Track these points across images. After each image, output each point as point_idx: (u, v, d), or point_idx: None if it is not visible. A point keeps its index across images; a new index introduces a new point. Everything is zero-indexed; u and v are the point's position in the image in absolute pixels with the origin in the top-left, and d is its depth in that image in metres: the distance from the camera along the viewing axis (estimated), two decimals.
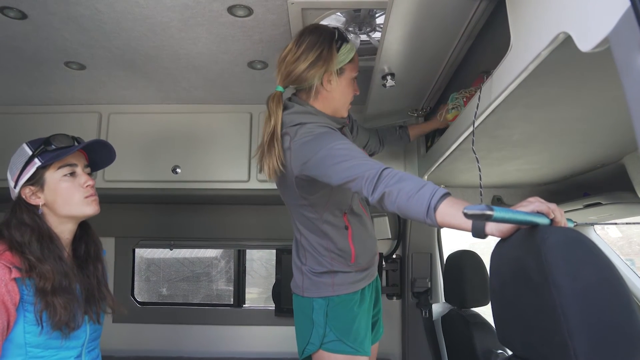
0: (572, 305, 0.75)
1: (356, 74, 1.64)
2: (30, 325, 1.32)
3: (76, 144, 1.51)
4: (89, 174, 1.54)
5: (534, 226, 0.90)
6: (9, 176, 1.49)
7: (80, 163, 1.52)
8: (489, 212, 0.84)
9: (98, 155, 1.60)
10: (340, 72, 1.57)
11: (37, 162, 1.44)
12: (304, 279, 1.66)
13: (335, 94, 1.59)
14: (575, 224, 1.06)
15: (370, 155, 2.11)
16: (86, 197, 1.48)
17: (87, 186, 1.49)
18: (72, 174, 1.48)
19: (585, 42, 0.76)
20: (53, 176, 1.45)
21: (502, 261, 0.99)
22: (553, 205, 0.95)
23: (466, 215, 0.86)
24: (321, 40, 1.52)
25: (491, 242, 1.08)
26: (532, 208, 0.94)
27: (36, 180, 1.44)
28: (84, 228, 1.57)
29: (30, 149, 1.46)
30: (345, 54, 1.56)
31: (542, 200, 0.96)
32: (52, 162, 1.45)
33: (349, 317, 1.62)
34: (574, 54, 0.80)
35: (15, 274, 1.30)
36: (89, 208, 1.49)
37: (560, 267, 0.78)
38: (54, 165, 1.46)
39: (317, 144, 1.41)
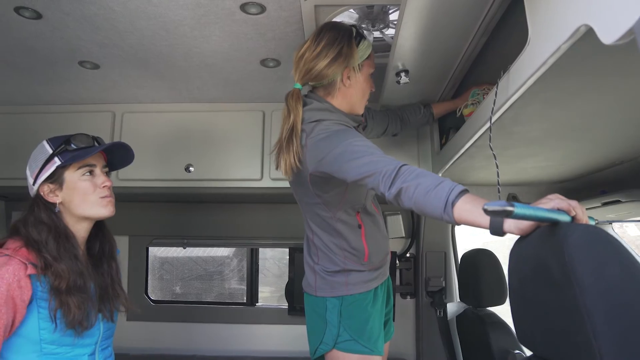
0: (597, 305, 0.73)
1: (373, 70, 1.66)
2: (45, 321, 1.33)
3: (96, 144, 1.51)
4: (108, 173, 1.55)
5: (554, 224, 0.88)
6: (28, 173, 1.49)
7: (99, 163, 1.52)
8: (509, 208, 0.82)
9: (116, 156, 1.60)
10: (360, 68, 1.58)
11: (57, 161, 1.44)
12: (317, 278, 1.65)
13: (353, 90, 1.59)
14: (596, 221, 1.04)
15: (393, 136, 2.10)
16: (102, 197, 1.48)
17: (104, 187, 1.49)
18: (91, 172, 1.49)
19: (608, 35, 0.73)
20: (72, 176, 1.46)
21: (521, 259, 0.97)
22: (574, 202, 0.93)
23: (486, 212, 0.84)
24: (341, 36, 1.52)
25: (506, 241, 1.06)
26: (552, 205, 0.92)
27: (55, 178, 1.45)
28: (99, 226, 1.58)
29: (51, 147, 1.46)
30: (364, 50, 1.58)
31: (563, 197, 0.94)
32: (71, 162, 1.45)
33: (362, 316, 1.60)
34: (595, 47, 0.78)
35: (30, 270, 1.31)
36: (104, 210, 1.49)
37: (583, 265, 0.76)
38: (73, 165, 1.46)
39: (333, 141, 1.40)
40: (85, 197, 1.46)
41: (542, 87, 1.11)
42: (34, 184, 1.46)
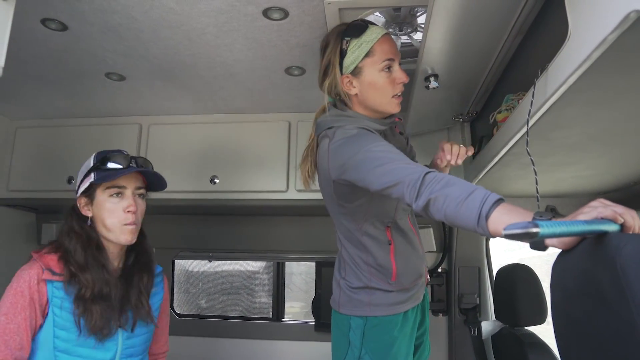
0: None
1: (384, 63, 1.42)
2: (59, 329, 1.34)
3: (133, 163, 1.50)
4: (142, 196, 1.54)
5: (602, 233, 0.78)
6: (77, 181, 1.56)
7: (131, 185, 1.49)
8: (533, 230, 0.72)
9: (154, 179, 1.58)
10: (357, 71, 1.43)
11: (92, 178, 1.45)
12: (341, 293, 1.57)
13: (364, 94, 1.45)
14: None
15: None
16: (125, 224, 1.45)
17: (128, 211, 1.46)
18: (120, 194, 1.47)
19: None
20: (101, 195, 1.46)
21: (566, 274, 0.87)
22: (621, 209, 0.81)
23: (506, 236, 0.76)
24: (330, 45, 1.46)
25: (544, 255, 0.96)
26: (595, 214, 0.81)
27: (89, 194, 1.48)
28: (139, 237, 1.55)
29: (93, 162, 1.48)
30: (356, 51, 1.41)
31: (608, 203, 0.83)
32: (101, 181, 1.45)
33: (387, 340, 1.51)
34: None
35: (46, 275, 1.35)
36: (122, 237, 1.46)
37: None
38: (103, 185, 1.46)
39: (352, 147, 1.33)
40: (108, 220, 1.45)
41: (584, 85, 1.02)
42: (76, 193, 1.51)
